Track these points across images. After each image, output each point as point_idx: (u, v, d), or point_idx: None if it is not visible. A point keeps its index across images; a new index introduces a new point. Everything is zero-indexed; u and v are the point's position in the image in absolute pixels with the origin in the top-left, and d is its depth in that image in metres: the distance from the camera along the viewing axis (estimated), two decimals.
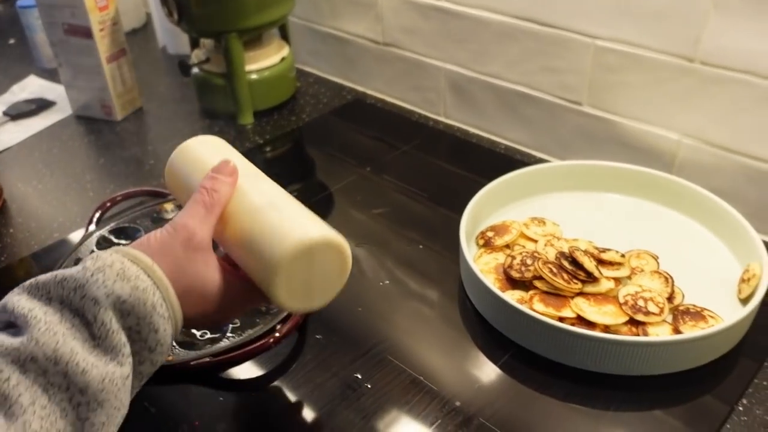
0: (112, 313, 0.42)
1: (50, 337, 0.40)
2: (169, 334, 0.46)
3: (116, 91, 1.12)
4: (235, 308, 0.53)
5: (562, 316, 0.65)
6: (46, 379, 0.39)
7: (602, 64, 0.86)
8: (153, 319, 0.44)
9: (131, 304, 0.43)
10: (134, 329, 0.44)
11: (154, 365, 0.47)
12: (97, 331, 0.42)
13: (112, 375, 0.41)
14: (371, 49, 1.15)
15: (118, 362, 0.42)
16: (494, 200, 0.82)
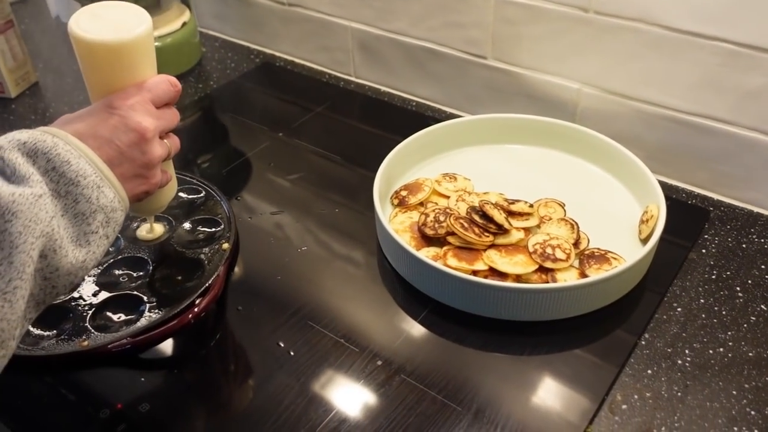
0: (18, 153, 0.46)
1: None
2: (86, 168, 0.49)
3: (7, 67, 1.06)
4: (115, 120, 0.53)
5: (475, 269, 0.67)
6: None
7: (503, 17, 0.87)
8: (59, 152, 0.48)
9: (33, 144, 0.47)
10: (48, 168, 0.47)
11: (92, 202, 0.49)
12: (8, 170, 0.46)
13: (22, 191, 0.45)
14: (276, 10, 1.12)
15: (28, 186, 0.45)
16: (406, 159, 0.83)
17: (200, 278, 0.70)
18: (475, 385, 0.60)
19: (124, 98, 0.54)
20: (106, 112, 0.53)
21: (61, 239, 0.47)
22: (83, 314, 0.66)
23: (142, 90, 0.56)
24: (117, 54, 0.54)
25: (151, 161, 0.55)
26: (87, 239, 0.49)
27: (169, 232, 0.76)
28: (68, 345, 0.63)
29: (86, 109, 0.54)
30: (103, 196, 0.50)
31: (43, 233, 0.45)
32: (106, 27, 0.54)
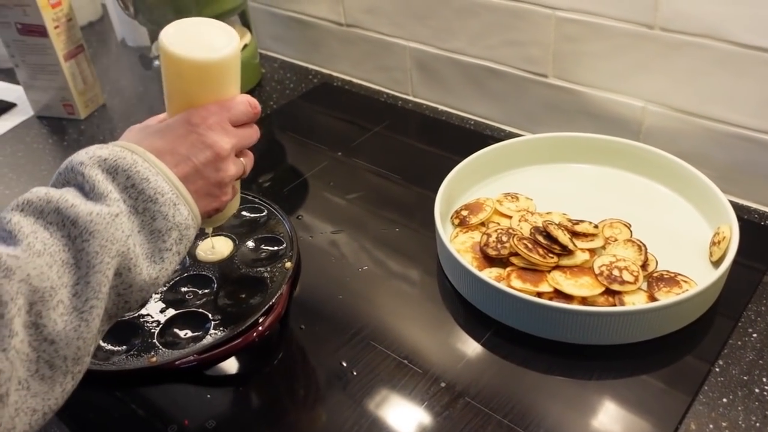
0: (98, 170, 0.48)
1: (43, 191, 0.46)
2: (163, 186, 0.50)
3: (77, 89, 1.10)
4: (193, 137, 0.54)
5: (539, 291, 0.66)
6: (44, 219, 0.45)
7: (564, 35, 0.86)
8: (138, 169, 0.49)
9: (114, 161, 0.49)
10: (127, 185, 0.49)
11: (168, 219, 0.50)
12: (87, 186, 0.47)
13: (99, 211, 0.46)
14: (334, 30, 1.14)
15: (105, 204, 0.47)
16: (467, 178, 0.82)
17: (264, 297, 0.70)
18: (542, 409, 0.59)
19: (204, 116, 0.55)
20: (185, 129, 0.54)
21: (136, 257, 0.48)
22: (151, 331, 0.68)
23: (222, 109, 0.56)
24: (204, 72, 0.55)
25: (224, 180, 0.56)
26: (161, 256, 0.50)
27: (233, 251, 0.77)
28: (137, 361, 0.65)
29: (164, 124, 0.55)
30: (179, 214, 0.51)
31: (119, 252, 0.46)
32: (196, 44, 0.54)
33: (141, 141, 0.53)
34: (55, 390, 0.44)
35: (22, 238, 0.43)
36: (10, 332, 0.40)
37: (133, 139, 0.54)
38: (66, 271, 0.44)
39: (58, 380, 0.44)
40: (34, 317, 0.42)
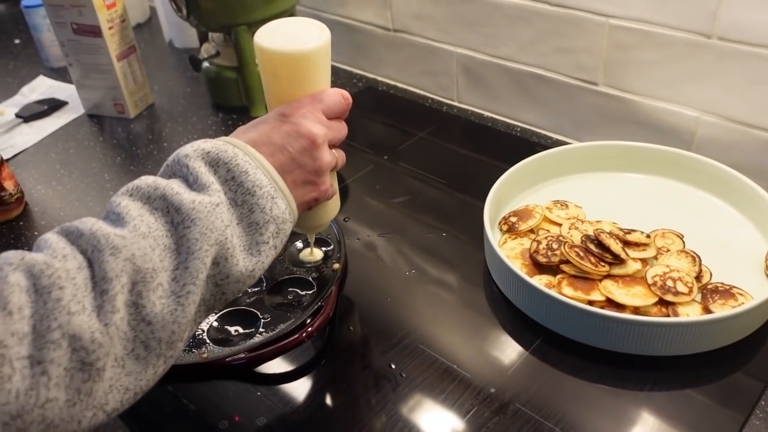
0: (201, 162, 0.49)
1: (151, 179, 0.48)
2: (262, 179, 0.51)
3: (128, 89, 1.12)
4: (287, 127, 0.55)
5: (591, 299, 0.66)
6: (151, 204, 0.47)
7: (617, 43, 0.86)
8: (238, 162, 0.50)
9: (216, 154, 0.50)
10: (228, 177, 0.50)
11: (266, 212, 0.50)
12: (191, 177, 0.49)
13: (202, 199, 0.47)
14: (381, 35, 1.14)
15: (207, 194, 0.48)
16: (515, 185, 0.82)
17: (313, 297, 0.71)
18: (593, 419, 0.59)
19: (297, 107, 0.56)
20: (279, 120, 0.55)
21: (234, 248, 0.48)
22: (202, 327, 0.69)
23: (314, 100, 0.57)
24: (294, 64, 0.56)
25: (321, 167, 0.56)
26: (258, 249, 0.50)
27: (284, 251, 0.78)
28: (189, 356, 0.65)
29: (260, 119, 0.57)
30: (276, 207, 0.51)
31: (218, 241, 0.47)
32: (287, 39, 0.56)
33: (239, 135, 0.54)
34: (147, 371, 0.45)
35: (130, 221, 0.45)
36: (112, 308, 0.42)
37: (235, 135, 0.55)
38: (167, 255, 0.45)
39: (151, 362, 0.45)
40: (135, 297, 0.43)
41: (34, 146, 1.09)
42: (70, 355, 0.40)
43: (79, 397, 0.41)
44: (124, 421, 0.62)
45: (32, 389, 0.39)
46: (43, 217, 0.92)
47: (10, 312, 0.39)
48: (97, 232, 0.43)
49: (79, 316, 0.40)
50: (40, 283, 0.40)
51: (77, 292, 0.41)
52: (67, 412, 0.41)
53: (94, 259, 0.43)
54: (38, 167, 1.03)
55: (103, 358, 0.41)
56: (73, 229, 0.44)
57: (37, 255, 0.42)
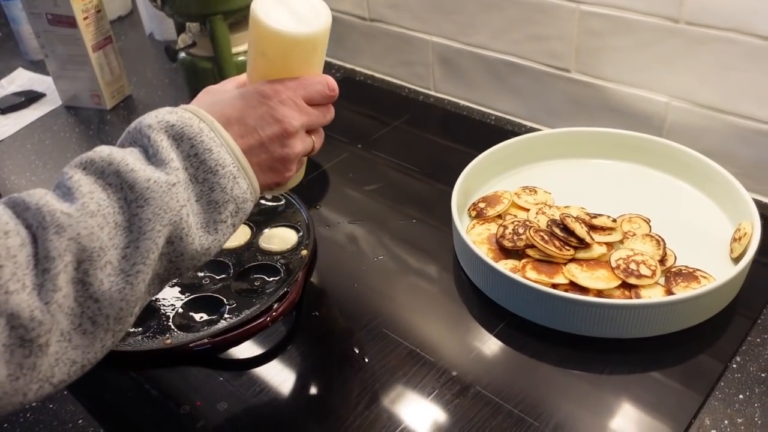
0: (164, 135, 0.48)
1: (106, 151, 0.47)
2: (225, 158, 0.50)
3: (104, 80, 1.12)
4: (263, 110, 0.53)
5: (555, 282, 0.66)
6: (104, 180, 0.45)
7: (588, 30, 0.85)
8: (203, 139, 0.49)
9: (180, 128, 0.49)
10: (191, 153, 0.49)
11: (226, 192, 0.50)
12: (150, 150, 0.48)
13: (158, 179, 0.46)
14: (358, 25, 1.14)
15: (164, 172, 0.47)
16: (485, 172, 0.82)
17: (279, 283, 0.71)
18: (553, 401, 0.59)
19: (278, 90, 0.54)
20: (256, 100, 0.53)
21: (189, 227, 0.48)
22: (167, 314, 0.68)
23: (298, 85, 0.55)
24: (286, 45, 0.54)
25: (290, 156, 0.55)
26: (216, 227, 0.50)
27: (252, 239, 0.78)
28: (153, 342, 0.65)
29: (238, 92, 0.55)
30: (238, 187, 0.50)
31: (171, 221, 0.47)
32: (287, 17, 0.53)
33: (212, 106, 0.53)
34: (95, 345, 0.45)
35: (79, 197, 0.44)
36: (54, 287, 0.41)
37: (205, 102, 0.54)
38: (118, 233, 0.45)
39: (99, 336, 0.45)
40: (82, 275, 0.43)
41: (10, 137, 1.09)
42: (8, 332, 0.40)
43: (22, 371, 0.41)
44: (85, 407, 0.62)
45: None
46: None
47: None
48: (43, 208, 0.43)
49: (18, 294, 0.40)
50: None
51: (17, 271, 0.41)
52: (10, 386, 0.41)
53: (39, 235, 0.42)
54: (13, 158, 1.03)
55: (44, 335, 0.41)
56: (20, 201, 0.44)
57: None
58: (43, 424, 0.61)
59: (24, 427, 0.61)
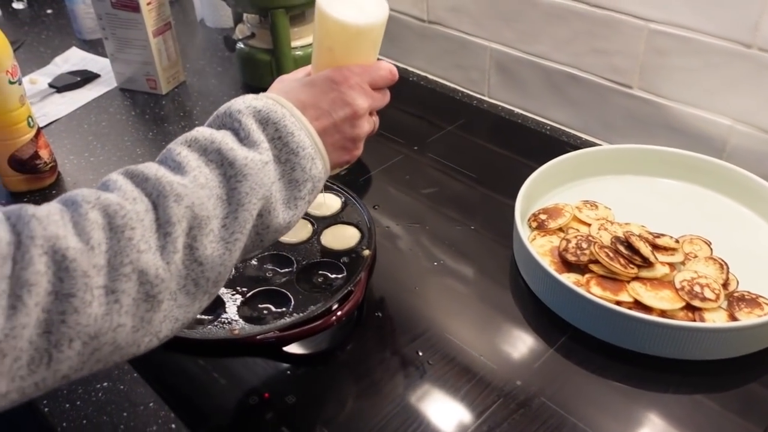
0: (252, 119, 0.53)
1: (207, 131, 0.51)
2: (305, 140, 0.54)
3: (162, 65, 1.13)
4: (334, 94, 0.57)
5: (619, 300, 0.67)
6: (206, 156, 0.50)
7: (655, 48, 0.86)
8: (286, 123, 0.53)
9: (266, 113, 0.53)
10: (275, 136, 0.53)
11: (306, 172, 0.54)
12: (242, 133, 0.52)
13: (253, 157, 0.51)
14: (414, 26, 1.15)
15: (257, 152, 0.51)
16: (545, 183, 0.83)
17: (343, 282, 0.72)
18: (618, 417, 0.60)
19: (346, 76, 0.58)
20: (328, 86, 0.58)
21: (276, 202, 0.52)
22: (234, 305, 0.70)
23: (364, 71, 0.59)
24: (351, 34, 0.58)
25: (359, 135, 0.60)
26: (295, 203, 0.54)
27: (313, 235, 0.79)
28: (220, 331, 0.67)
29: (309, 79, 0.59)
30: (315, 167, 0.55)
31: (264, 196, 0.51)
32: (350, 9, 0.58)
33: (287, 93, 0.57)
34: (194, 305, 0.49)
35: (190, 170, 0.49)
36: (174, 249, 0.46)
37: (281, 90, 0.58)
38: (219, 204, 0.49)
39: (198, 297, 0.49)
40: (191, 240, 0.47)
41: (66, 117, 1.10)
42: (138, 287, 0.44)
43: (142, 324, 0.45)
44: (155, 390, 0.63)
45: (107, 315, 0.43)
46: (76, 188, 0.92)
47: (92, 247, 0.43)
48: (162, 179, 0.47)
49: (146, 254, 0.45)
50: (114, 223, 0.44)
51: (145, 233, 0.45)
52: (132, 336, 0.45)
53: (159, 203, 0.46)
54: (71, 138, 1.05)
55: (163, 291, 0.46)
56: (138, 173, 0.48)
57: (110, 195, 0.45)
58: (114, 404, 0.63)
59: (96, 405, 0.63)
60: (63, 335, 0.41)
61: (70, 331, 0.41)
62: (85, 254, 0.42)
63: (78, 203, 0.44)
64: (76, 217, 0.43)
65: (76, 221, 0.43)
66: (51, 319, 0.41)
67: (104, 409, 0.62)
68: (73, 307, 0.41)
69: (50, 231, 0.42)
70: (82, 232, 0.43)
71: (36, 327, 0.40)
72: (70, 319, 0.41)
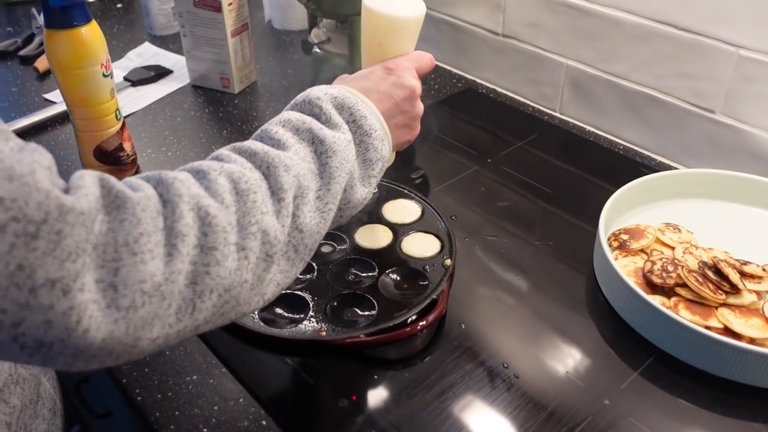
0: (330, 105, 0.57)
1: (297, 114, 0.56)
2: (376, 123, 0.59)
3: (236, 65, 1.15)
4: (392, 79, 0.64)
5: (708, 325, 0.67)
6: (299, 135, 0.55)
7: (743, 74, 0.86)
8: (359, 108, 0.58)
9: (342, 99, 0.58)
10: (349, 120, 0.58)
11: (377, 152, 0.59)
12: (324, 117, 0.57)
13: (339, 136, 0.56)
14: (488, 39, 1.15)
15: (341, 132, 0.56)
16: (625, 202, 0.83)
17: (426, 290, 0.73)
18: None
19: (398, 63, 0.66)
20: (385, 72, 0.65)
21: (356, 178, 0.57)
22: (320, 306, 0.71)
23: (411, 59, 0.67)
24: (397, 27, 0.67)
25: (419, 113, 0.66)
26: (369, 181, 0.59)
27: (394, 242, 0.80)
28: (308, 332, 0.68)
29: (367, 70, 0.66)
30: (384, 148, 0.60)
31: (349, 171, 0.56)
32: (392, 5, 0.67)
33: (351, 83, 0.63)
34: (292, 270, 0.52)
35: (290, 146, 0.53)
36: (287, 213, 0.50)
37: (344, 82, 0.64)
38: (313, 178, 0.53)
39: (296, 263, 0.52)
40: (294, 208, 0.51)
41: (142, 110, 1.13)
42: (261, 246, 0.48)
43: (258, 282, 0.48)
44: (245, 387, 0.65)
45: (238, 270, 0.46)
46: None
47: (227, 206, 0.46)
48: (270, 152, 0.51)
49: (267, 216, 0.48)
50: (239, 187, 0.48)
51: (264, 198, 0.49)
52: (249, 294, 0.48)
53: (269, 173, 0.50)
54: (148, 131, 1.07)
55: (279, 252, 0.49)
56: (246, 148, 0.52)
57: (231, 165, 0.49)
58: (205, 397, 0.64)
59: (187, 397, 0.64)
60: (206, 286, 0.44)
61: (212, 282, 0.44)
62: (223, 212, 0.46)
63: (205, 171, 0.48)
64: (206, 182, 0.47)
65: (207, 186, 0.47)
66: (197, 271, 0.44)
67: (195, 401, 0.63)
68: (216, 260, 0.44)
69: (193, 190, 0.45)
70: (215, 193, 0.46)
71: (185, 277, 0.43)
72: (213, 271, 0.44)
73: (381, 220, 0.84)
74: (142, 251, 0.41)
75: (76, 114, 0.89)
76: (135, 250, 0.40)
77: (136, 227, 0.41)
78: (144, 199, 0.43)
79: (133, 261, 0.40)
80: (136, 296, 0.40)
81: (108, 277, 0.39)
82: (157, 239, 0.42)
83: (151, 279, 0.41)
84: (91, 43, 0.84)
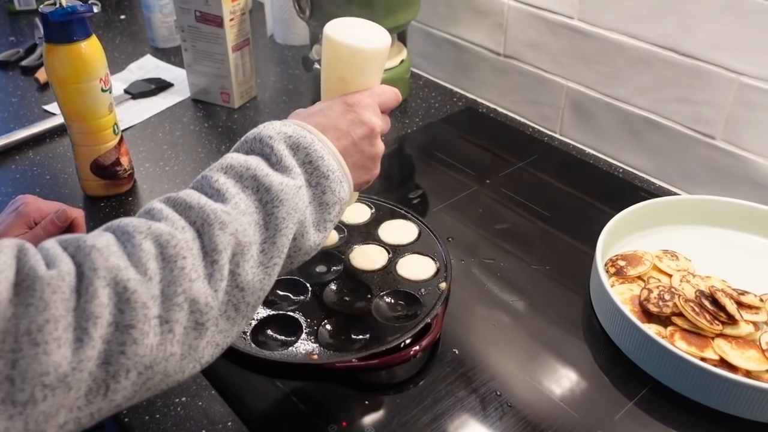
0: (283, 145, 0.53)
1: (242, 158, 0.52)
2: (333, 164, 0.56)
3: (237, 80, 1.15)
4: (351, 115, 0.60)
5: (704, 356, 0.66)
6: (242, 183, 0.51)
7: (744, 101, 0.85)
8: (316, 148, 0.55)
9: (296, 138, 0.54)
10: (305, 161, 0.54)
11: (335, 194, 0.56)
12: (274, 158, 0.53)
13: (288, 182, 0.52)
14: (489, 58, 1.15)
15: (291, 177, 0.52)
16: (624, 227, 0.82)
17: (419, 314, 0.72)
18: None
19: (359, 99, 0.61)
20: (343, 108, 0.60)
21: (308, 225, 0.54)
22: (315, 329, 0.70)
23: (373, 94, 0.63)
24: (359, 59, 0.62)
25: (377, 153, 0.62)
26: (325, 226, 0.56)
27: (389, 264, 0.79)
28: (299, 356, 0.67)
29: (325, 104, 0.61)
30: (343, 190, 0.56)
31: (299, 220, 0.52)
32: (355, 36, 0.62)
33: (306, 119, 0.59)
34: (234, 330, 0.50)
35: (230, 198, 0.49)
36: (221, 276, 0.47)
37: (299, 118, 0.60)
38: (257, 230, 0.50)
39: (237, 322, 0.49)
40: (233, 266, 0.48)
41: (141, 123, 1.12)
42: (188, 316, 0.45)
43: (189, 351, 0.46)
44: (234, 410, 0.64)
45: (161, 344, 0.44)
46: (151, 195, 0.94)
47: (150, 278, 0.43)
48: (206, 207, 0.48)
49: (197, 283, 0.45)
50: (167, 252, 0.45)
51: (195, 262, 0.46)
52: (179, 364, 0.46)
53: (204, 231, 0.47)
54: (146, 145, 1.07)
55: (212, 318, 0.47)
56: (180, 201, 0.48)
57: (160, 224, 0.46)
58: (193, 420, 0.63)
59: (175, 420, 0.63)
60: (121, 366, 0.42)
61: (128, 362, 0.42)
62: (144, 285, 0.43)
63: (130, 233, 0.44)
64: (130, 247, 0.44)
65: (130, 252, 0.44)
66: (111, 351, 0.41)
67: (183, 424, 0.63)
68: (132, 339, 0.42)
69: (111, 262, 0.42)
70: (138, 262, 0.43)
71: (96, 358, 0.40)
72: (129, 350, 0.42)
73: (377, 240, 0.83)
74: (46, 341, 0.38)
75: (73, 128, 0.88)
76: (37, 340, 0.38)
77: (42, 313, 0.38)
78: (56, 278, 0.40)
79: (34, 352, 0.38)
80: (35, 390, 0.38)
81: (5, 370, 0.37)
82: (67, 323, 0.39)
83: (56, 370, 0.38)
84: (91, 58, 0.83)
